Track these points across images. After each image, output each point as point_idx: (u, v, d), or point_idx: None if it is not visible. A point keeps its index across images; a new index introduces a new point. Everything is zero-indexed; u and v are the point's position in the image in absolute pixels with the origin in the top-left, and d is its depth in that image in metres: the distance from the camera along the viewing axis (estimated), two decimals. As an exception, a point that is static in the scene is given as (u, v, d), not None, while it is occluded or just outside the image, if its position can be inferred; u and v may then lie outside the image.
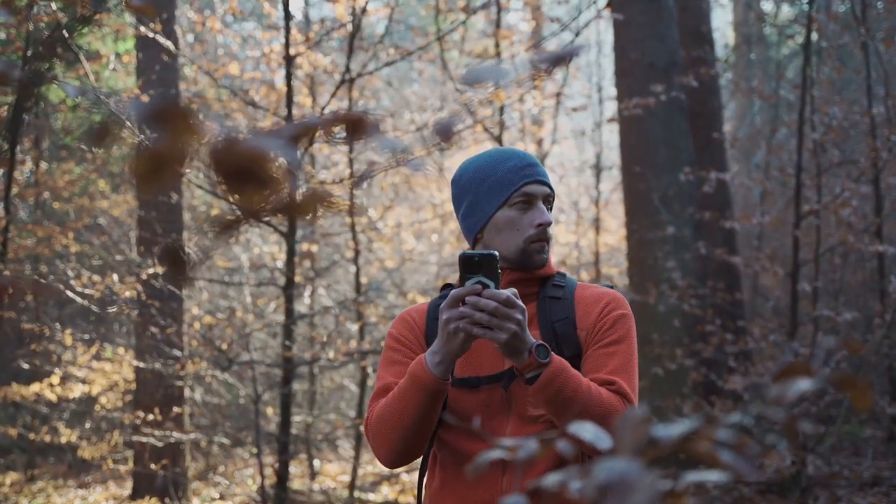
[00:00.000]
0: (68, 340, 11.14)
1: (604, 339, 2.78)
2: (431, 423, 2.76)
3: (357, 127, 1.08)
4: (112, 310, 10.46)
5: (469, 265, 2.63)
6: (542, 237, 2.88)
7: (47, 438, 11.82)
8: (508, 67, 1.18)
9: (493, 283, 2.62)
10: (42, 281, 9.55)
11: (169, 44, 8.79)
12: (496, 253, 2.64)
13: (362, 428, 11.48)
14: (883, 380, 11.73)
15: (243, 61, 13.41)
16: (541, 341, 2.63)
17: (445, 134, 1.15)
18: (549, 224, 2.89)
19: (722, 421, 1.15)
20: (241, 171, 1.04)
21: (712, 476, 1.20)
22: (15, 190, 10.73)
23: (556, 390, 2.60)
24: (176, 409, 11.02)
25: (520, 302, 2.60)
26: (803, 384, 1.18)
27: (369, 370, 10.83)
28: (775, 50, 20.56)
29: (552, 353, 2.63)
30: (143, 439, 10.52)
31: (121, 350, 11.73)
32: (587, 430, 1.41)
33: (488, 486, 2.78)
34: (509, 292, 2.60)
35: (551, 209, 2.96)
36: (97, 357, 11.60)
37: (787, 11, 20.76)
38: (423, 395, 2.70)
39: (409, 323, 3.03)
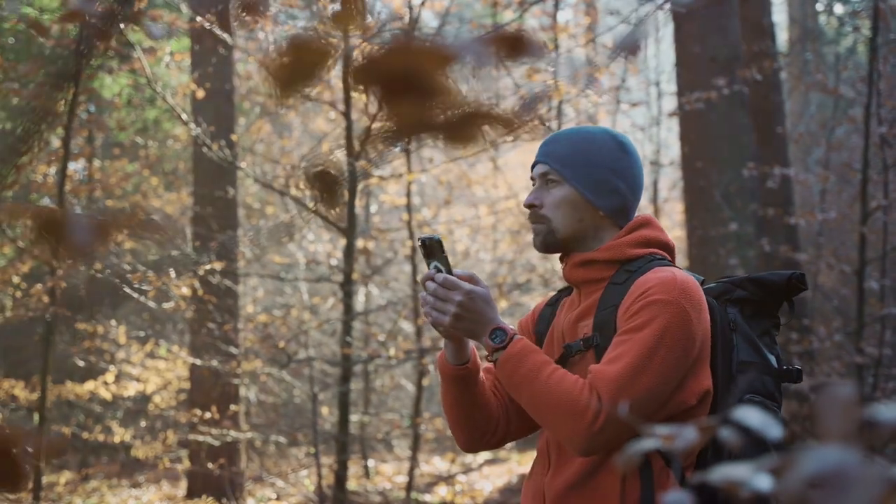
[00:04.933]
0: (122, 339, 11.09)
1: (625, 325, 2.58)
2: (470, 407, 2.82)
3: (515, 45, 0.91)
4: (168, 305, 10.39)
5: (424, 250, 2.69)
6: (530, 219, 2.83)
7: (101, 437, 11.77)
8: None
9: (444, 265, 2.65)
10: (99, 276, 9.50)
11: (225, 36, 8.69)
12: (438, 237, 2.66)
13: (422, 427, 11.38)
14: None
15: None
16: (500, 325, 2.60)
17: (632, 49, 0.99)
18: (529, 205, 2.80)
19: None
20: (404, 79, 0.86)
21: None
22: (68, 186, 10.68)
23: (508, 375, 2.58)
24: (233, 408, 10.93)
25: (464, 284, 2.60)
26: None
27: (430, 367, 10.69)
28: (834, 45, 20.27)
29: (517, 337, 2.61)
30: (200, 438, 10.42)
31: (175, 348, 11.67)
32: (753, 417, 1.23)
33: (539, 480, 2.77)
34: (461, 273, 2.64)
35: (555, 185, 2.78)
36: (151, 355, 11.54)
37: (840, 10, 20.48)
38: (444, 380, 2.81)
39: (531, 312, 3.06)
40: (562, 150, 2.79)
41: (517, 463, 14.44)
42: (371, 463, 13.46)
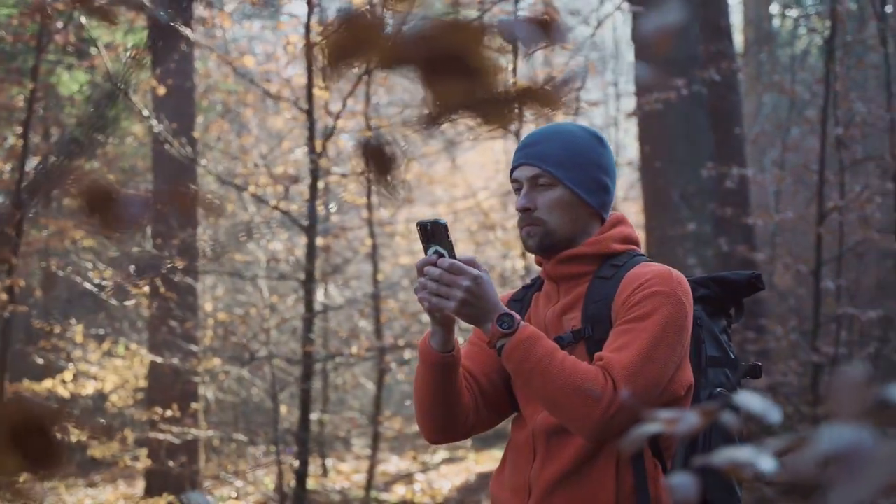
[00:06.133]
0: (79, 337, 10.99)
1: (626, 315, 2.62)
2: (447, 396, 2.77)
3: (548, 29, 0.93)
4: (130, 303, 10.31)
5: (424, 234, 2.64)
6: (522, 222, 2.81)
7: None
8: None
9: (447, 250, 2.61)
10: (60, 273, 9.43)
11: (188, 31, 8.64)
12: (444, 220, 2.63)
13: (382, 426, 11.36)
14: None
15: (257, 56, 13.28)
16: (507, 311, 2.59)
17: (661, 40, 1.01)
18: (523, 209, 2.79)
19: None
20: (447, 57, 0.87)
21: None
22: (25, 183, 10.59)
23: (518, 361, 2.55)
24: (194, 406, 10.86)
25: (471, 269, 2.56)
26: None
27: (393, 365, 10.69)
28: (788, 48, 20.42)
29: (523, 323, 2.58)
30: (161, 436, 10.35)
31: (133, 346, 11.58)
32: (755, 403, 1.25)
33: (521, 472, 2.76)
34: (465, 258, 2.60)
35: (548, 187, 2.79)
36: (109, 353, 11.44)
37: (794, 13, 20.63)
38: (424, 366, 2.75)
39: None
40: (550, 151, 2.80)
41: (475, 462, 14.45)
42: (329, 462, 13.43)
